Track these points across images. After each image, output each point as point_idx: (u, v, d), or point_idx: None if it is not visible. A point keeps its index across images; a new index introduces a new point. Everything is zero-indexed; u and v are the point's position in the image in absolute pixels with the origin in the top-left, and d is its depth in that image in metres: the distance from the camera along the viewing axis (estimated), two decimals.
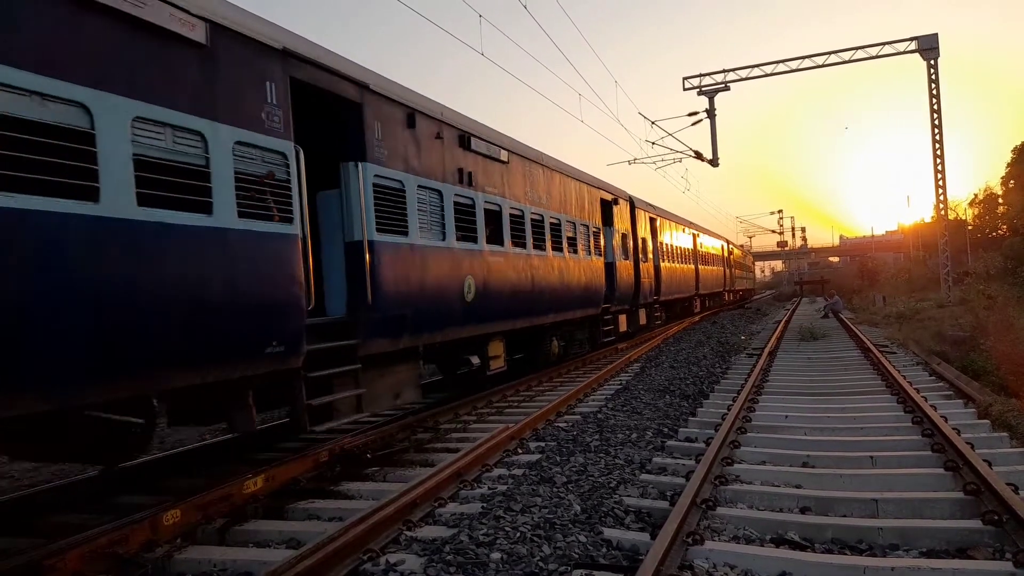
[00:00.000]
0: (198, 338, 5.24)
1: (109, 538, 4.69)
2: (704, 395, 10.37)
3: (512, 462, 6.89)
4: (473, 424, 9.18)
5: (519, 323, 11.20)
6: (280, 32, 6.37)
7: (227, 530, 5.34)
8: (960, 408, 8.48)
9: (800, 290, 63.33)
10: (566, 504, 5.31)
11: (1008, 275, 28.92)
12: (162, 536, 5.02)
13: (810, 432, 7.69)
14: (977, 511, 4.85)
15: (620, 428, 8.07)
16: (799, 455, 6.68)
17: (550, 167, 12.91)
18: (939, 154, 27.35)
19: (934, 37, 27.38)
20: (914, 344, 15.93)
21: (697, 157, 29.68)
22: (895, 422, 7.80)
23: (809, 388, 10.44)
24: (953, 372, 11.64)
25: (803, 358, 14.23)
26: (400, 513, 5.13)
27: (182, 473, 6.93)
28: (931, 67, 27.40)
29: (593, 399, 10.48)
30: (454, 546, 4.54)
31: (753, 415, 8.47)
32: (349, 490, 6.33)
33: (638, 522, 5.10)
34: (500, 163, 10.64)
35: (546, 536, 4.68)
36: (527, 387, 12.02)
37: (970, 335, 15.46)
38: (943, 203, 28.64)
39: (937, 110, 27.35)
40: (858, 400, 9.26)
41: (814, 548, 4.64)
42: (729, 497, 5.57)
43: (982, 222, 55.63)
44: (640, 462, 6.64)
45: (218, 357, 5.49)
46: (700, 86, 30.26)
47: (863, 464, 6.37)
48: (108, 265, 4.61)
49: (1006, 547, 4.35)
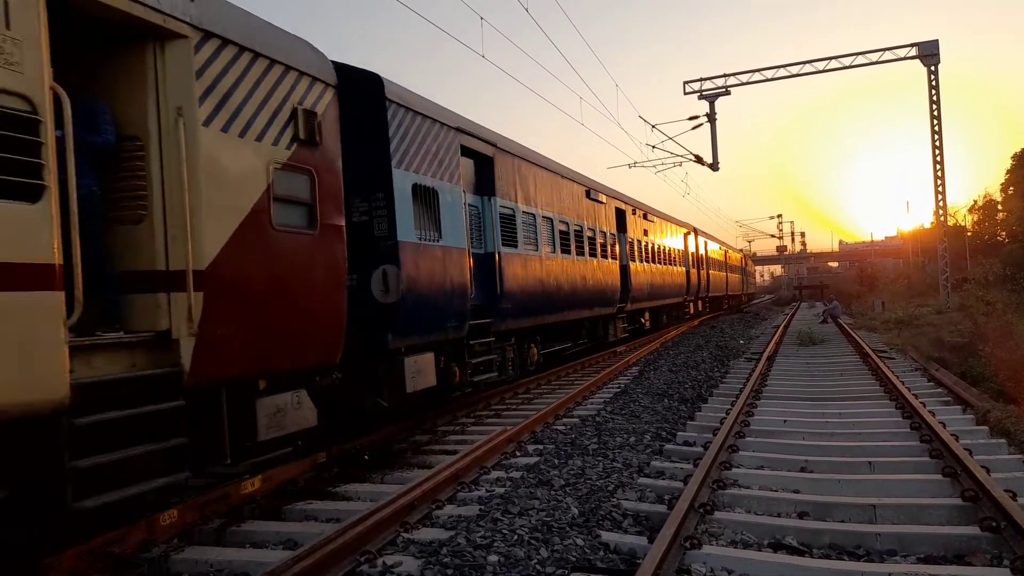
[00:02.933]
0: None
1: (106, 537, 4.69)
2: (703, 399, 10.37)
3: (510, 464, 6.89)
4: (471, 426, 9.18)
5: (583, 312, 14.68)
6: (455, 116, 9.76)
7: (224, 530, 5.33)
8: (959, 414, 8.49)
9: (799, 295, 63.39)
10: (564, 507, 5.30)
11: (1007, 281, 28.92)
12: (159, 536, 5.02)
13: (808, 437, 7.68)
14: (975, 517, 4.85)
15: (618, 431, 8.07)
16: (797, 460, 6.67)
17: (581, 183, 15.49)
18: (939, 160, 27.39)
19: (935, 43, 27.42)
20: (913, 350, 15.93)
21: (697, 161, 29.71)
22: (893, 427, 7.80)
23: (808, 393, 10.44)
24: (952, 378, 11.64)
25: (802, 363, 14.23)
26: (397, 515, 5.12)
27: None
28: (931, 73, 27.44)
29: (591, 402, 10.47)
30: (451, 548, 4.53)
31: (751, 419, 8.46)
32: (347, 491, 6.32)
33: (636, 526, 5.10)
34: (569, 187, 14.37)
35: (543, 539, 4.68)
36: (525, 389, 12.02)
37: (969, 341, 15.47)
38: (943, 209, 28.69)
39: (937, 116, 27.39)
40: (857, 405, 9.26)
41: (812, 553, 4.64)
42: (727, 501, 5.57)
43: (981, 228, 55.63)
44: (638, 465, 6.64)
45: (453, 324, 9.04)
46: (701, 90, 30.31)
47: (861, 469, 6.36)
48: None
49: (1004, 554, 4.35)
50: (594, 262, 15.55)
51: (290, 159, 5.86)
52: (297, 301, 5.84)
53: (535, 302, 11.88)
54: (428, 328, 8.48)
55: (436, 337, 8.63)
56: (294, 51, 6.09)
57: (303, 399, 6.10)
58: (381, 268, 7.69)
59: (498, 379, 10.71)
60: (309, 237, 6.03)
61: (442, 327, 8.75)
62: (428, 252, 8.46)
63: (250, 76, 5.49)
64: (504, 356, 10.99)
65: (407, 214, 8.09)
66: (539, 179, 12.60)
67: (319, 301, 6.14)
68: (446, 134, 9.26)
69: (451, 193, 9.17)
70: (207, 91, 5.07)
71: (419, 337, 8.27)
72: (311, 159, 6.08)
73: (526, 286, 11.45)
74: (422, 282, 8.29)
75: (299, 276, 5.91)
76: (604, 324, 17.10)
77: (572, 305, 13.89)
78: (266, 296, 5.55)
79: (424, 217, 8.48)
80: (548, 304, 12.62)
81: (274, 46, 5.81)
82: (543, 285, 12.38)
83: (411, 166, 8.29)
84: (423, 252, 8.34)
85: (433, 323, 8.59)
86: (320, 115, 6.23)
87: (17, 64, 3.86)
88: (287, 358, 5.85)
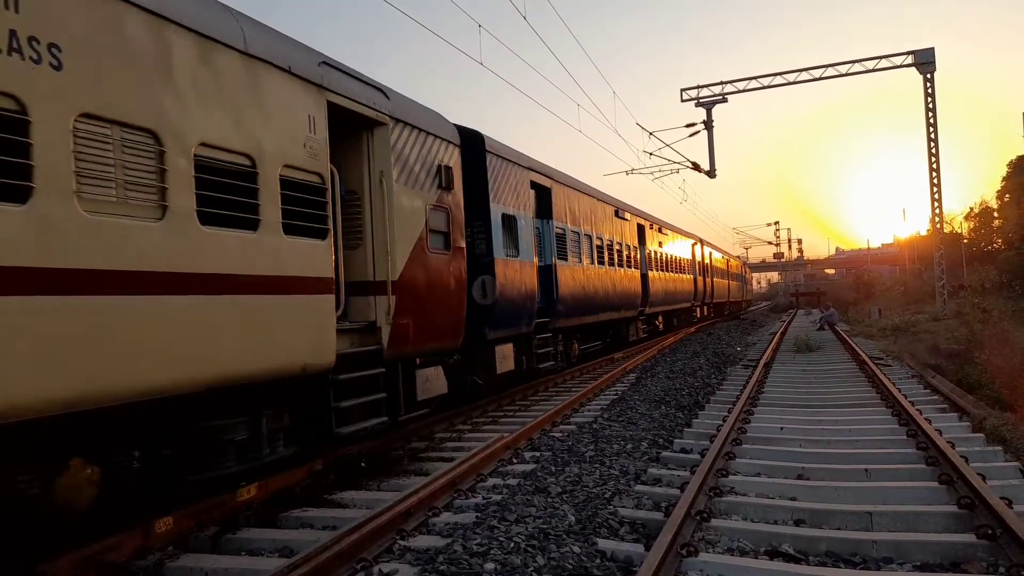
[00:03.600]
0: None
1: (102, 544, 4.67)
2: (700, 406, 10.37)
3: (507, 471, 6.88)
4: (468, 433, 9.17)
5: (612, 315, 17.10)
6: (527, 158, 12.19)
7: (220, 538, 5.31)
8: (955, 421, 8.50)
9: (796, 302, 63.44)
10: (560, 514, 5.30)
11: (1003, 289, 29.02)
12: (154, 543, 5.00)
13: (805, 444, 7.69)
14: (971, 525, 4.86)
15: (615, 438, 8.07)
16: (794, 467, 6.67)
17: (611, 204, 17.95)
18: (935, 167, 27.50)
19: (930, 52, 27.56)
20: (909, 357, 15.95)
21: (694, 168, 29.79)
22: (890, 435, 7.81)
23: (804, 400, 10.44)
24: (948, 385, 11.64)
25: (799, 370, 14.25)
26: (394, 522, 5.12)
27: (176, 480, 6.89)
28: (927, 81, 27.58)
29: (589, 409, 10.47)
30: (448, 556, 4.53)
31: (748, 426, 8.47)
32: (343, 499, 6.31)
33: (632, 533, 5.10)
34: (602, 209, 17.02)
35: (540, 546, 4.67)
36: (523, 396, 12.01)
37: (965, 348, 15.48)
38: (939, 216, 28.77)
39: (933, 124, 27.51)
40: (853, 412, 9.27)
41: (808, 561, 4.64)
42: (724, 509, 5.57)
43: (978, 235, 55.79)
44: (635, 473, 6.64)
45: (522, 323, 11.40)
46: (698, 98, 30.41)
47: (858, 477, 6.37)
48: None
49: (1000, 561, 4.36)
50: (621, 271, 17.94)
51: (436, 201, 8.30)
52: (440, 303, 8.31)
53: (579, 305, 14.43)
54: (511, 324, 10.91)
55: (515, 331, 11.14)
56: (438, 124, 8.61)
57: (440, 373, 8.44)
58: (481, 278, 9.91)
59: (554, 367, 13.16)
60: (446, 256, 8.51)
61: (519, 324, 11.23)
62: (511, 265, 10.93)
63: (416, 145, 7.97)
64: (556, 349, 13.43)
65: (498, 237, 10.59)
66: (581, 203, 15.26)
67: (452, 303, 8.64)
68: (520, 172, 11.84)
69: (524, 219, 11.73)
70: (396, 158, 7.46)
71: (504, 331, 10.69)
72: (447, 200, 8.56)
73: (573, 292, 14.01)
74: (508, 289, 10.68)
75: (442, 285, 8.36)
76: (627, 325, 19.71)
77: (604, 308, 16.31)
78: (425, 299, 7.93)
79: (508, 238, 11.02)
80: (588, 307, 15.06)
81: (428, 122, 8.31)
82: (585, 291, 14.77)
83: (500, 200, 10.81)
84: (508, 266, 10.81)
85: (514, 321, 11.02)
86: (452, 167, 8.72)
87: (317, 155, 6.24)
88: (433, 342, 8.25)
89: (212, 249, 5.11)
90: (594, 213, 16.16)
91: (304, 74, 6.19)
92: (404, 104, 7.88)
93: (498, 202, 10.65)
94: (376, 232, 7.25)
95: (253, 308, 5.50)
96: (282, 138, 5.85)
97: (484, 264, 10.20)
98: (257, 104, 5.63)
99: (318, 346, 6.10)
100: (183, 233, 4.88)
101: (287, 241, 5.82)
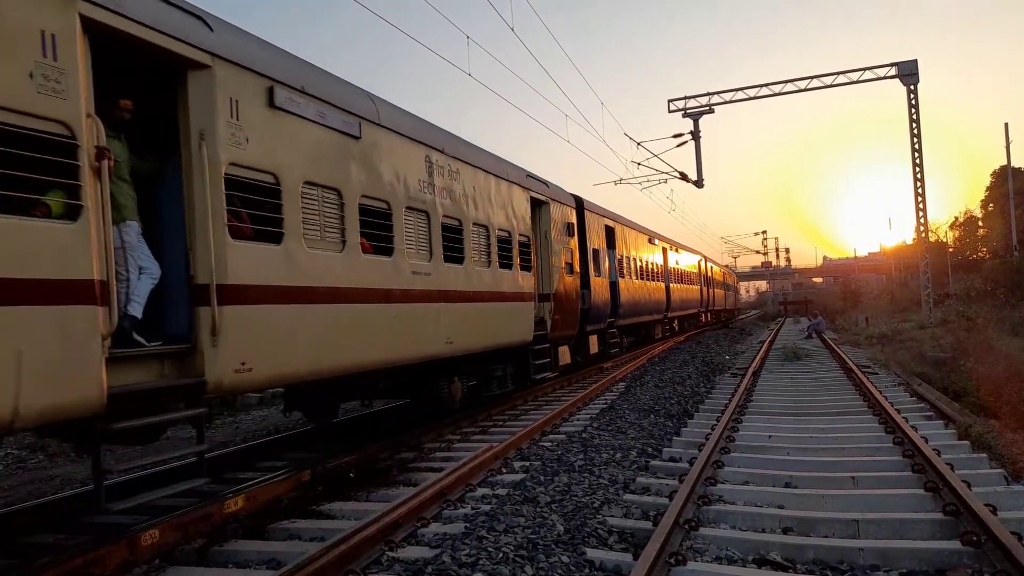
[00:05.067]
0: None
1: (85, 559, 4.62)
2: (688, 415, 10.40)
3: (496, 482, 6.87)
4: (457, 443, 9.15)
5: (645, 318, 22.65)
6: (606, 210, 18.14)
7: (207, 550, 5.27)
8: (940, 429, 8.56)
9: (784, 310, 63.78)
10: (549, 524, 5.29)
11: (988, 297, 29.31)
12: (140, 557, 4.95)
13: (793, 452, 7.72)
14: (956, 532, 4.89)
15: (604, 448, 8.07)
16: (782, 475, 6.70)
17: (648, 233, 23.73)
18: (919, 177, 27.79)
19: (913, 63, 27.90)
20: (896, 365, 16.07)
21: (682, 178, 29.98)
22: (877, 443, 7.85)
23: (792, 408, 10.49)
24: (934, 393, 11.74)
25: (787, 378, 14.31)
26: (382, 533, 5.10)
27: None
28: (911, 92, 27.90)
29: (578, 418, 10.47)
30: (436, 567, 4.51)
31: (737, 435, 8.49)
32: (331, 510, 6.27)
33: (621, 542, 5.10)
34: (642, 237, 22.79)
35: (529, 557, 4.67)
36: (512, 406, 12.01)
37: (951, 356, 15.63)
38: (924, 225, 29.06)
39: (917, 134, 27.82)
40: (840, 420, 9.32)
41: (796, 569, 4.66)
42: (712, 517, 5.59)
43: (963, 244, 56.40)
44: (624, 482, 6.64)
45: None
46: (685, 108, 30.63)
47: (845, 484, 6.39)
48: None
49: (984, 568, 4.39)
50: (652, 284, 23.46)
51: (567, 244, 13.72)
52: (571, 307, 13.78)
53: (630, 310, 19.84)
54: (597, 321, 16.29)
55: (598, 327, 16.52)
56: (568, 198, 14.41)
57: (568, 351, 14.05)
58: (582, 291, 14.81)
59: (618, 352, 19.44)
60: (573, 278, 14.00)
61: (601, 321, 16.68)
62: (598, 282, 16.33)
63: (557, 212, 13.26)
64: (619, 340, 19.21)
65: (591, 263, 15.89)
66: (629, 234, 20.79)
67: (575, 307, 14.14)
68: (600, 219, 17.47)
69: (602, 250, 17.23)
70: (549, 221, 12.67)
71: (593, 326, 15.91)
72: (571, 243, 14.04)
73: (627, 300, 19.34)
74: (596, 298, 16.04)
75: (571, 296, 13.85)
76: (655, 326, 25.56)
77: (643, 312, 22.06)
78: (564, 305, 13.24)
79: (595, 264, 16.31)
80: (635, 311, 20.61)
81: (561, 195, 13.88)
82: (633, 299, 20.29)
83: (590, 239, 16.12)
84: (596, 283, 16.15)
85: (599, 319, 16.47)
86: (573, 223, 14.30)
87: (527, 222, 11.76)
88: (567, 331, 13.65)
89: (498, 278, 10.32)
90: (637, 241, 21.82)
91: (519, 181, 11.63)
92: (555, 188, 13.69)
93: (589, 241, 15.99)
94: (541, 263, 12.56)
95: (506, 309, 10.49)
96: (521, 217, 11.38)
97: (584, 282, 15.18)
98: (510, 203, 11.04)
99: (526, 330, 11.27)
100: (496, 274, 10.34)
101: (517, 273, 10.94)
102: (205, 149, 5.27)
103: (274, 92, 5.94)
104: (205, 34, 5.37)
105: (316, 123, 6.48)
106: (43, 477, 8.79)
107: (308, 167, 6.34)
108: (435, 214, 8.43)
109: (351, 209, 6.81)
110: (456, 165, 9.07)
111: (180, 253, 5.33)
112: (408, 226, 7.85)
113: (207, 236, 5.23)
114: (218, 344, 5.25)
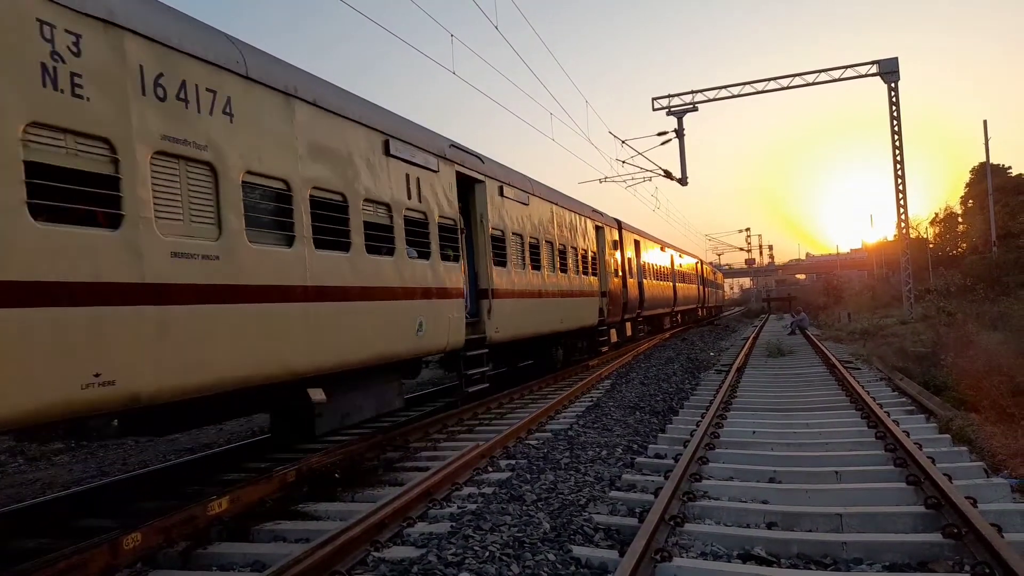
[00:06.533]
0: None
1: (67, 563, 4.56)
2: (673, 411, 10.44)
3: (482, 480, 6.87)
4: (443, 442, 9.13)
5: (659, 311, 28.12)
6: (635, 228, 24.44)
7: (190, 553, 5.22)
8: (922, 423, 8.66)
9: (768, 307, 64.23)
10: (535, 522, 5.30)
11: (968, 292, 29.64)
12: (122, 561, 4.89)
13: (777, 448, 7.78)
14: (938, 524, 4.95)
15: (590, 445, 8.09)
16: (766, 471, 6.75)
17: (660, 242, 29.02)
18: (900, 174, 28.07)
19: (894, 61, 28.18)
20: (878, 360, 16.23)
21: (667, 176, 30.09)
22: (859, 437, 7.93)
23: (776, 404, 10.57)
24: (915, 387, 11.87)
25: (770, 374, 14.42)
26: (368, 534, 5.07)
27: (145, 495, 6.78)
28: (892, 90, 28.17)
29: (564, 416, 10.49)
30: (422, 567, 4.50)
31: (721, 431, 8.55)
32: (316, 511, 6.24)
33: (607, 539, 5.11)
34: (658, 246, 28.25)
35: (515, 555, 4.67)
36: (499, 404, 12.00)
37: (931, 351, 15.77)
38: (904, 222, 29.37)
39: (898, 131, 28.10)
40: (824, 416, 9.40)
41: (780, 563, 4.69)
42: (697, 513, 5.62)
43: (943, 240, 56.99)
44: (610, 479, 6.66)
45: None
46: (669, 106, 30.74)
47: (828, 479, 6.46)
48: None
49: (965, 560, 4.44)
50: (663, 283, 28.66)
51: (613, 255, 19.98)
52: (617, 299, 20.13)
53: (650, 304, 24.99)
54: (631, 312, 21.84)
55: (632, 316, 22.43)
56: (611, 220, 20.60)
57: (615, 333, 19.93)
58: (622, 289, 19.80)
59: (644, 337, 25.57)
60: (618, 279, 20.44)
61: (633, 312, 22.18)
62: (631, 282, 21.87)
63: (608, 233, 19.72)
64: (645, 328, 25.65)
65: (626, 269, 20.98)
66: (648, 244, 25.81)
67: (620, 300, 20.48)
68: (631, 235, 22.72)
69: (634, 258, 22.75)
70: (604, 240, 19.19)
71: (628, 315, 21.41)
72: (615, 254, 20.36)
73: (649, 296, 24.65)
74: (631, 295, 21.72)
75: (617, 292, 20.15)
76: (665, 318, 31.30)
77: (658, 306, 27.33)
78: (613, 298, 19.57)
79: (629, 269, 21.65)
80: (653, 305, 25.80)
81: (609, 220, 20.34)
82: (652, 295, 25.42)
83: (625, 250, 21.47)
84: (631, 283, 21.79)
85: (632, 311, 22.04)
86: (616, 240, 20.68)
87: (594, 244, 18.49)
88: (615, 318, 19.76)
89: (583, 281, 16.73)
90: (654, 249, 26.96)
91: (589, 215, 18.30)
92: (604, 216, 19.46)
93: (625, 251, 21.49)
94: (600, 269, 18.37)
95: (585, 301, 16.81)
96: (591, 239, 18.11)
97: (623, 283, 20.63)
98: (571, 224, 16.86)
99: (595, 317, 17.43)
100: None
101: (591, 277, 17.52)
102: (482, 223, 11.23)
103: (503, 190, 12.14)
104: (480, 165, 11.27)
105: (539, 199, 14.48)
106: (24, 481, 8.68)
107: (529, 228, 13.58)
108: (554, 243, 14.83)
109: (545, 248, 14.16)
110: (559, 211, 15.45)
111: (472, 274, 11.09)
112: (548, 252, 14.38)
113: (487, 265, 11.18)
114: (490, 319, 11.03)
